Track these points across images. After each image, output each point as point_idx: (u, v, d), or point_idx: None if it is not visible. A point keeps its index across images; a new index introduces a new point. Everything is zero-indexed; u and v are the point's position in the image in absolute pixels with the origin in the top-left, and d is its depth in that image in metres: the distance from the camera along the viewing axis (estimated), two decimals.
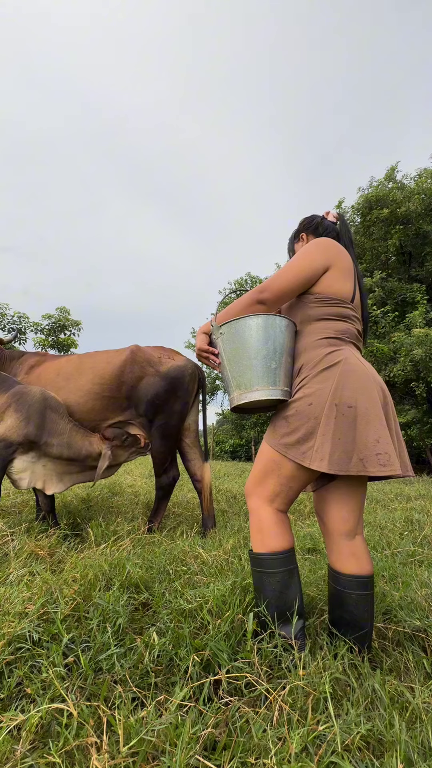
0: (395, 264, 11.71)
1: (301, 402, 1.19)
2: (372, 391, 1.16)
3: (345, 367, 1.18)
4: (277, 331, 1.23)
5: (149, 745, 0.77)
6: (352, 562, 1.20)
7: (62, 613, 1.23)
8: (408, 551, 2.25)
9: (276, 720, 0.87)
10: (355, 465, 1.10)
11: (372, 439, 1.10)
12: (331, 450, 1.11)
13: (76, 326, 16.90)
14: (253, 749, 0.79)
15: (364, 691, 0.99)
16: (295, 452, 1.17)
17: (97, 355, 2.86)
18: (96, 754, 0.68)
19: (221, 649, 1.08)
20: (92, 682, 1.00)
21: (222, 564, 1.77)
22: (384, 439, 1.11)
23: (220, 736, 0.84)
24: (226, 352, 1.26)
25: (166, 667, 1.10)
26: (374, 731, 0.86)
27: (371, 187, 11.04)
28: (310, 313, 1.30)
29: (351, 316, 1.32)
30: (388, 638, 1.33)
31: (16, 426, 2.35)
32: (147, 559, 1.81)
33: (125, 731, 0.78)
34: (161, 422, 2.72)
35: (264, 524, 1.21)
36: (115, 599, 1.33)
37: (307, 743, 0.79)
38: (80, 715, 0.83)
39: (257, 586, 1.21)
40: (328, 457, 1.10)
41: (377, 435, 1.11)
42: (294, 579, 1.19)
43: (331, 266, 1.29)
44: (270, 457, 1.24)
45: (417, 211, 10.13)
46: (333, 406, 1.14)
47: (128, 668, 1.06)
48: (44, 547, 1.99)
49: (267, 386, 1.19)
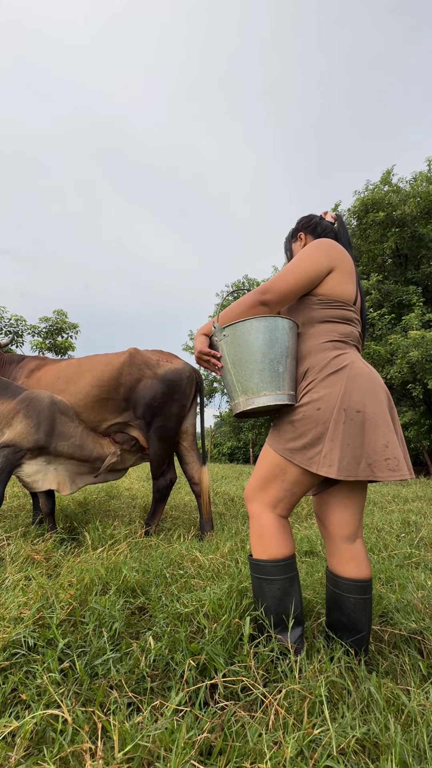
0: (391, 267, 11.77)
1: (309, 407, 1.17)
2: (379, 395, 1.16)
3: (352, 372, 1.17)
4: (283, 334, 1.20)
5: (144, 750, 0.77)
6: (352, 565, 1.20)
7: (58, 618, 1.23)
8: (405, 553, 2.26)
9: (272, 724, 0.87)
10: (364, 470, 1.09)
11: (381, 444, 1.10)
12: (341, 456, 1.09)
13: (74, 329, 16.87)
14: (248, 753, 0.79)
15: (360, 694, 0.99)
16: (302, 457, 1.15)
17: (96, 357, 2.88)
18: (90, 760, 0.68)
19: (217, 653, 1.08)
20: (88, 688, 1.00)
21: (219, 567, 1.77)
22: (392, 443, 1.11)
23: (216, 740, 0.84)
24: (230, 356, 1.22)
25: (162, 671, 1.10)
26: (370, 735, 0.86)
27: (367, 190, 11.10)
28: (314, 315, 1.28)
29: (353, 318, 1.31)
30: (384, 641, 1.33)
31: (26, 432, 2.38)
32: (144, 563, 1.81)
33: (120, 737, 0.78)
34: (158, 425, 2.72)
35: (266, 531, 1.19)
36: (111, 604, 1.33)
37: (302, 747, 0.79)
38: (75, 720, 0.83)
39: (256, 592, 1.20)
40: (337, 463, 1.09)
41: (386, 440, 1.10)
42: (294, 586, 1.18)
43: (334, 268, 1.26)
44: (274, 462, 1.21)
45: (413, 214, 10.20)
46: (342, 411, 1.12)
47: (124, 673, 1.05)
48: (40, 552, 1.98)
49: (275, 391, 1.16)
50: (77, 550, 2.15)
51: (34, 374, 2.91)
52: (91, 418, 2.70)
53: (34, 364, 3.00)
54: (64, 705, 0.80)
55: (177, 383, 2.78)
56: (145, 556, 1.97)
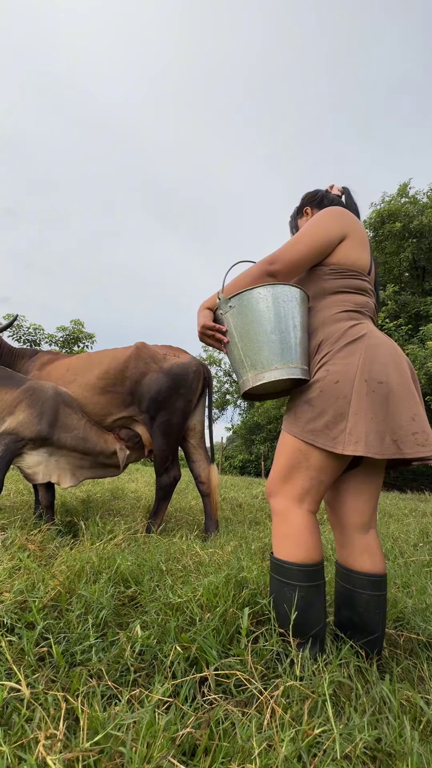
0: (408, 278, 11.61)
1: (326, 381, 1.04)
2: (402, 365, 1.05)
3: (371, 341, 1.06)
4: (293, 304, 1.10)
5: (117, 742, 0.67)
6: (365, 558, 1.08)
7: (41, 602, 1.14)
8: (422, 561, 2.09)
9: (267, 723, 0.75)
10: (389, 447, 0.97)
11: (407, 417, 0.98)
12: (366, 430, 0.97)
13: (90, 338, 17.14)
14: (236, 753, 0.68)
15: (371, 697, 0.87)
16: (325, 438, 1.02)
17: (105, 351, 2.87)
18: (44, 741, 0.58)
19: (210, 645, 0.97)
20: (65, 675, 0.90)
21: (220, 562, 1.65)
22: (420, 416, 0.99)
23: (201, 738, 0.73)
24: (237, 329, 1.12)
25: (148, 664, 0.99)
26: (382, 742, 0.73)
27: (383, 202, 11.07)
28: (325, 286, 1.18)
29: (368, 289, 1.20)
30: (399, 645, 1.19)
31: (29, 422, 2.34)
32: (140, 556, 1.71)
33: (91, 725, 0.68)
34: (163, 419, 2.65)
35: (294, 529, 1.04)
36: (100, 591, 1.23)
37: (300, 750, 0.68)
38: (43, 705, 0.73)
39: (275, 597, 1.04)
40: (364, 439, 0.96)
41: (412, 412, 0.98)
42: (320, 597, 1.03)
43: (347, 235, 1.17)
44: (294, 447, 1.08)
45: (430, 225, 10.08)
46: (363, 382, 1.01)
47: (106, 663, 0.95)
48: (35, 542, 1.90)
49: (287, 364, 1.05)
50: (74, 541, 2.06)
51: (45, 367, 2.92)
52: (96, 411, 2.66)
53: (47, 358, 3.01)
54: (23, 680, 0.70)
55: (183, 378, 2.71)
56: (143, 550, 1.86)
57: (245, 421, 18.07)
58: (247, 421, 17.71)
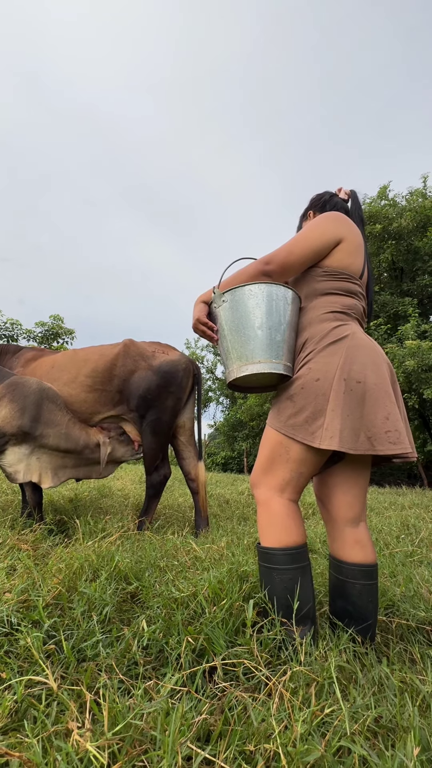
0: (387, 279, 11.93)
1: (308, 378, 1.11)
2: (381, 366, 1.11)
3: (352, 342, 1.12)
4: (284, 303, 1.16)
5: (137, 730, 0.69)
6: (356, 550, 1.13)
7: (44, 600, 1.14)
8: (406, 551, 2.19)
9: (276, 707, 0.79)
10: (363, 444, 1.03)
11: (381, 416, 1.04)
12: (341, 426, 1.03)
13: (70, 334, 16.79)
14: (251, 736, 0.71)
15: (370, 679, 0.92)
16: (304, 433, 1.09)
17: (92, 348, 2.82)
18: (78, 730, 0.60)
19: (217, 636, 1.00)
20: (75, 670, 0.92)
21: (216, 557, 1.68)
22: (393, 416, 1.05)
23: (215, 724, 0.76)
24: (228, 322, 1.18)
25: (155, 658, 1.02)
26: (384, 719, 0.78)
27: (364, 203, 11.31)
28: (317, 287, 1.24)
29: (358, 292, 1.26)
30: (391, 631, 1.26)
31: (11, 417, 2.28)
32: (136, 554, 1.72)
33: (110, 715, 0.70)
34: (153, 418, 2.65)
35: (275, 517, 1.11)
36: (101, 588, 1.24)
37: (311, 730, 0.72)
38: (58, 699, 0.74)
39: (266, 584, 1.10)
40: (338, 434, 1.03)
41: (387, 412, 1.05)
42: (306, 578, 1.09)
43: (342, 239, 1.22)
44: (276, 441, 1.14)
45: (408, 228, 10.40)
46: (342, 381, 1.07)
47: (114, 657, 0.97)
48: (28, 542, 1.89)
49: (270, 359, 1.11)
50: (66, 540, 2.05)
51: (30, 364, 2.85)
52: (83, 409, 2.61)
53: (31, 355, 2.94)
54: (50, 674, 0.72)
55: (172, 375, 2.72)
56: (137, 547, 1.88)
57: (227, 418, 18.15)
58: (230, 418, 17.81)
